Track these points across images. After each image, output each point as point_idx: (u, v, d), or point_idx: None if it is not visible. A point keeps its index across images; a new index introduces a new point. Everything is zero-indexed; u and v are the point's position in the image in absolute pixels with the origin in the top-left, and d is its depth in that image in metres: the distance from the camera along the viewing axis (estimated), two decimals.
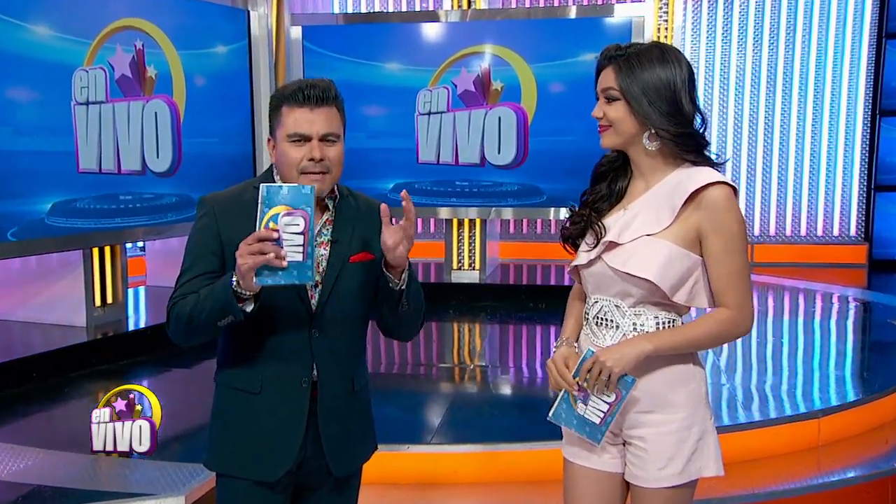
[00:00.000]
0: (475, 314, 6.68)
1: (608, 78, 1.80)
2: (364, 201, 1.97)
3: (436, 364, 5.32)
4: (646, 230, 1.78)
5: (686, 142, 1.78)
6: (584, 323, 1.91)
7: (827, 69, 9.55)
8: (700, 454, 1.83)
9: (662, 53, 1.78)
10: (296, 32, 7.15)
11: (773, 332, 6.06)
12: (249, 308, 1.69)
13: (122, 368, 4.91)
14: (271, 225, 1.61)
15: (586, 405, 1.80)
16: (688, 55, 9.26)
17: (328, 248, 1.85)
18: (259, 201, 1.62)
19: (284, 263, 1.63)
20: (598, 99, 1.85)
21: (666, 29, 6.91)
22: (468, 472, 3.54)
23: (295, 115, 1.80)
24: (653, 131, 1.78)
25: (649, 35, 6.72)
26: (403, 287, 1.83)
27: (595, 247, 1.84)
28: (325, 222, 1.86)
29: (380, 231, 1.80)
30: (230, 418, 1.88)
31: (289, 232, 1.62)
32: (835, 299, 7.46)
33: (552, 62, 6.87)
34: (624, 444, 1.90)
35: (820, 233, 9.81)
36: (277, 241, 1.62)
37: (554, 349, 1.93)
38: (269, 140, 1.89)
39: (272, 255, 1.61)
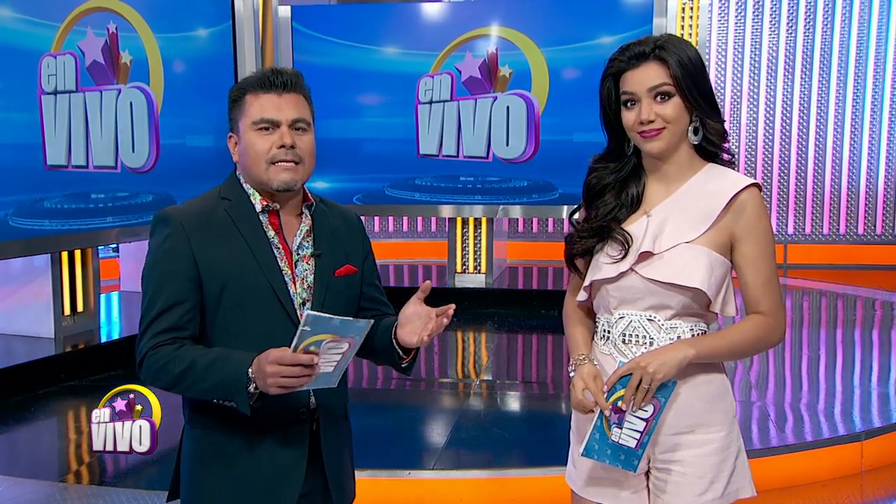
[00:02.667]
0: (481, 322, 6.67)
1: (654, 74, 1.79)
2: (337, 210, 1.97)
3: (437, 379, 5.31)
4: (682, 237, 1.80)
5: (724, 134, 1.83)
6: (603, 342, 1.89)
7: (870, 51, 9.52)
8: (737, 474, 1.85)
9: (681, 40, 1.83)
10: (284, 12, 7.15)
11: (809, 344, 6.04)
12: (254, 403, 1.68)
13: (94, 384, 4.90)
14: (312, 349, 1.60)
15: (622, 428, 1.76)
16: (715, 35, 9.35)
17: (311, 263, 1.85)
18: (302, 325, 1.58)
19: (312, 378, 1.64)
20: (613, 106, 1.84)
21: (691, 9, 6.88)
22: (474, 501, 3.52)
23: (261, 101, 1.79)
24: (697, 124, 1.81)
25: (673, 11, 6.71)
26: (409, 365, 1.85)
27: (624, 258, 1.83)
28: (304, 234, 1.85)
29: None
30: (213, 468, 1.80)
31: (329, 353, 1.63)
32: (877, 305, 7.43)
33: (566, 45, 6.85)
34: (647, 474, 1.88)
35: (860, 231, 9.79)
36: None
37: (572, 368, 1.89)
38: (230, 136, 1.86)
39: (304, 381, 1.61)
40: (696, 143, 1.82)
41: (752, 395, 4.64)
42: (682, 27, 6.85)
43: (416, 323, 1.75)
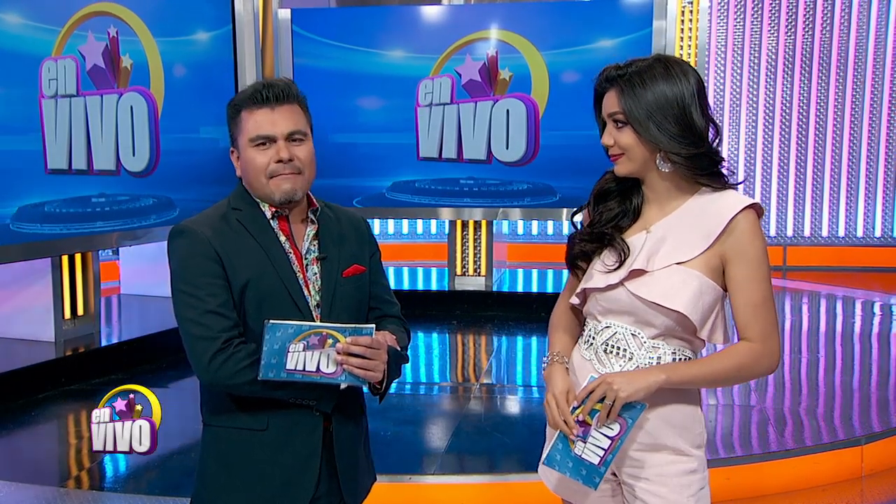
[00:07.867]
0: (481, 325, 6.67)
1: (612, 102, 1.80)
2: (343, 214, 2.03)
3: (438, 382, 5.31)
4: (676, 258, 1.78)
5: (699, 163, 1.78)
6: (587, 347, 1.89)
7: (868, 53, 9.52)
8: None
9: (667, 68, 1.77)
10: (284, 15, 7.14)
11: (808, 347, 6.04)
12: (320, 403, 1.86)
13: (94, 388, 4.90)
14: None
15: (585, 443, 1.74)
16: (713, 39, 9.36)
17: (318, 266, 1.90)
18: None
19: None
20: (602, 125, 1.85)
21: (691, 11, 6.88)
22: None
23: (256, 118, 1.84)
24: (661, 156, 1.79)
25: (672, 14, 6.70)
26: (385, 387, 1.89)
27: (616, 269, 1.82)
28: (311, 238, 1.91)
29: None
30: (230, 463, 1.85)
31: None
32: (877, 308, 7.43)
33: (566, 49, 6.85)
34: (619, 484, 1.89)
35: (860, 234, 9.79)
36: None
37: (544, 366, 1.90)
38: (231, 151, 1.92)
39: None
40: (665, 171, 1.79)
41: (751, 399, 4.64)
42: (682, 30, 6.85)
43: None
